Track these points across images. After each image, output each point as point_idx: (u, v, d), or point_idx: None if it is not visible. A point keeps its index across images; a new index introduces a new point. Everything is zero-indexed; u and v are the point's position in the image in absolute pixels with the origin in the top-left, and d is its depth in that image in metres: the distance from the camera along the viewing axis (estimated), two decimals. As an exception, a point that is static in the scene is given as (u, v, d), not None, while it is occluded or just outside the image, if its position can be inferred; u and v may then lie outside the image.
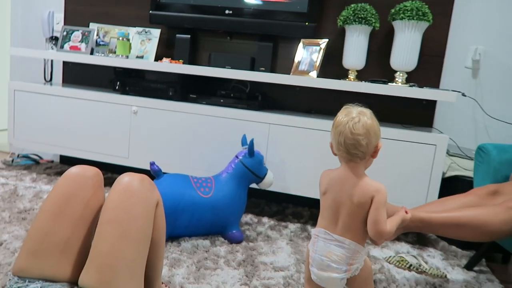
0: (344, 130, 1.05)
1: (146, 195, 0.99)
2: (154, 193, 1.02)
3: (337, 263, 1.03)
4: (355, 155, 1.05)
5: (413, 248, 1.76)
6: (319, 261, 1.04)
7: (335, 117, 1.10)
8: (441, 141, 1.68)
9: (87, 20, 2.47)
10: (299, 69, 1.99)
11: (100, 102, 2.07)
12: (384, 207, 1.03)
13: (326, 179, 1.11)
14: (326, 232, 1.06)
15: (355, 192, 1.03)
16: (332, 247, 1.03)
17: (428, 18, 1.80)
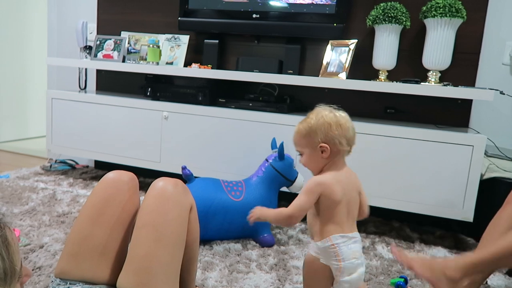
0: (351, 125, 1.08)
1: (180, 199, 1.01)
2: (188, 197, 1.04)
3: (361, 258, 1.03)
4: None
5: (451, 252, 1.70)
6: (350, 267, 1.01)
7: (320, 118, 1.07)
8: (479, 142, 1.62)
9: (118, 29, 2.54)
10: (327, 71, 1.97)
11: (132, 108, 2.12)
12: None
13: (339, 187, 1.03)
14: (342, 235, 1.02)
15: (358, 182, 1.10)
16: (354, 246, 1.02)
17: (461, 14, 1.75)
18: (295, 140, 1.11)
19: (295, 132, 1.10)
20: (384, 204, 1.76)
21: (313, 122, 1.07)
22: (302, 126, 1.08)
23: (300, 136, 1.09)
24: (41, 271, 1.29)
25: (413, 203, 1.71)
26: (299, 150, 1.10)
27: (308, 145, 1.07)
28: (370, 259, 1.57)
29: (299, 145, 1.10)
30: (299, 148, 1.10)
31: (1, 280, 0.60)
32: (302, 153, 1.09)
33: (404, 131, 1.71)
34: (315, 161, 1.07)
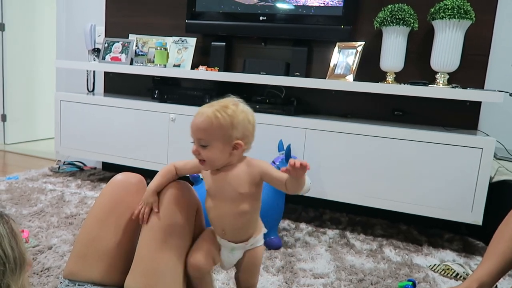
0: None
1: (186, 201, 1.01)
2: (194, 199, 1.05)
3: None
4: None
5: (459, 256, 1.68)
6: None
7: (241, 112, 0.95)
8: (488, 144, 1.61)
9: (126, 32, 2.56)
10: (335, 73, 1.97)
11: (140, 111, 2.14)
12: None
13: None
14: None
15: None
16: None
17: (470, 16, 1.73)
18: (205, 128, 0.91)
19: (206, 119, 0.91)
20: (392, 207, 1.75)
21: (234, 115, 0.92)
22: (220, 116, 0.91)
23: (214, 127, 0.91)
24: (49, 272, 1.30)
25: (421, 206, 1.70)
26: (206, 141, 0.92)
27: (222, 138, 0.92)
28: (378, 262, 1.56)
29: (209, 135, 0.92)
30: (207, 138, 0.92)
31: (13, 270, 0.62)
32: (207, 145, 0.92)
33: (412, 134, 1.70)
34: (221, 158, 0.94)
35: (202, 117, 0.92)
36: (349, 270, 1.47)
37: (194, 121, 0.93)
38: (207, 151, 0.93)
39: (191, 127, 0.94)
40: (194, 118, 0.93)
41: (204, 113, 0.92)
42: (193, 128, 0.93)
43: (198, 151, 0.94)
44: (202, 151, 0.93)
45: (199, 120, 0.92)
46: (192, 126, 0.94)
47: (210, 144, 0.93)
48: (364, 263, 1.54)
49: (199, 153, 0.94)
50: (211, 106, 0.93)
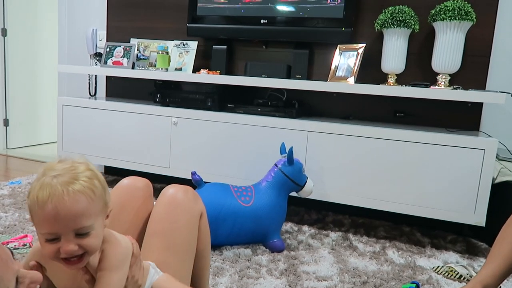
0: None
1: (190, 206, 1.01)
2: (198, 204, 1.04)
3: None
4: None
5: (463, 258, 1.68)
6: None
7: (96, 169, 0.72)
8: (490, 145, 1.61)
9: (128, 36, 2.57)
10: (336, 75, 1.97)
11: (142, 114, 2.14)
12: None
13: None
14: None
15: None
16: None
17: (471, 17, 1.74)
18: (85, 209, 0.65)
19: (82, 197, 0.65)
20: (394, 209, 1.75)
21: (98, 176, 0.71)
22: (91, 185, 0.67)
23: (95, 200, 0.68)
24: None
25: (424, 207, 1.70)
26: (88, 226, 0.66)
27: (101, 212, 0.70)
28: (381, 264, 1.56)
29: (91, 215, 0.67)
30: (89, 220, 0.66)
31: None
32: (90, 230, 0.67)
33: (414, 135, 1.70)
34: (101, 238, 0.71)
35: (73, 198, 0.64)
36: (352, 273, 1.47)
37: (50, 211, 0.63)
38: (90, 237, 0.67)
39: (47, 222, 0.64)
40: (44, 206, 0.63)
41: (69, 192, 0.64)
42: (54, 222, 0.64)
43: (77, 246, 0.66)
44: (82, 241, 0.66)
45: (66, 205, 0.64)
46: (50, 220, 0.64)
47: (93, 227, 0.67)
48: (367, 265, 1.54)
49: (78, 248, 0.66)
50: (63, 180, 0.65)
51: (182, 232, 0.98)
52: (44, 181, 0.66)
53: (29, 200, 0.66)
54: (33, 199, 0.65)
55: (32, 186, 0.67)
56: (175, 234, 0.97)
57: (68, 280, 0.75)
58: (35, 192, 0.65)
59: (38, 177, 0.68)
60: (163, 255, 0.94)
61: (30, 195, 0.66)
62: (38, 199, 0.64)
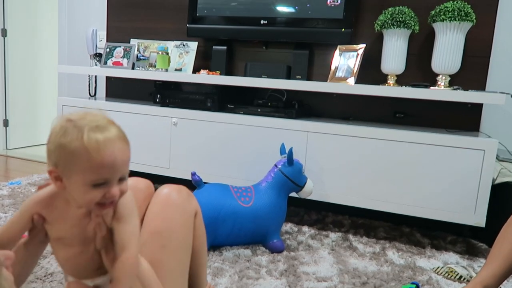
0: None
1: (185, 205, 1.01)
2: (192, 203, 1.04)
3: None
4: None
5: (463, 258, 1.68)
6: None
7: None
8: (490, 146, 1.61)
9: (128, 36, 2.57)
10: (336, 76, 1.97)
11: (142, 115, 2.14)
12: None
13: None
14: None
15: None
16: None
17: (471, 18, 1.74)
18: (128, 156, 0.72)
19: (124, 143, 0.71)
20: (394, 210, 1.74)
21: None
22: (123, 134, 0.72)
23: (128, 149, 0.72)
24: (52, 277, 1.30)
25: (424, 208, 1.70)
26: (128, 172, 0.73)
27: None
28: (381, 265, 1.56)
29: (128, 163, 0.72)
30: (127, 169, 0.72)
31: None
32: (127, 176, 0.73)
33: (414, 136, 1.70)
34: None
35: (114, 145, 0.68)
36: (352, 273, 1.47)
37: (112, 155, 0.68)
38: (125, 183, 0.73)
39: (104, 168, 0.67)
40: (102, 152, 0.67)
41: (109, 139, 0.68)
42: (111, 167, 0.68)
43: (119, 191, 0.71)
44: (121, 186, 0.71)
45: (115, 151, 0.68)
46: (108, 165, 0.67)
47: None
48: (367, 266, 1.54)
49: (120, 193, 0.72)
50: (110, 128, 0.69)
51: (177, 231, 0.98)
52: (92, 127, 0.67)
53: (78, 146, 0.66)
54: (89, 144, 0.66)
55: (68, 132, 0.67)
56: (170, 233, 0.97)
57: (71, 229, 0.75)
58: (88, 137, 0.66)
59: (72, 124, 0.67)
60: (159, 254, 0.94)
61: (78, 141, 0.66)
62: (98, 143, 0.66)
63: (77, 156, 0.66)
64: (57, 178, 0.70)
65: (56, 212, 0.75)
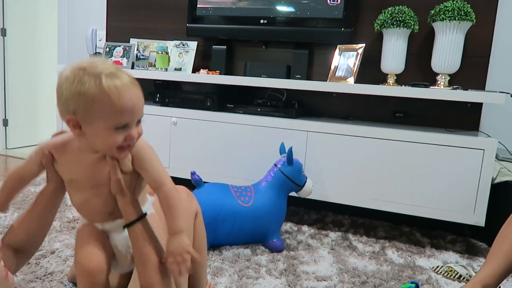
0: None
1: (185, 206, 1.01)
2: (193, 203, 1.04)
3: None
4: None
5: (462, 258, 1.68)
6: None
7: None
8: (490, 145, 1.61)
9: (127, 36, 2.57)
10: (336, 75, 1.97)
11: (141, 114, 2.14)
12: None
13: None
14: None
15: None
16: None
17: (471, 17, 1.74)
18: (142, 102, 0.77)
19: (138, 88, 0.76)
20: (394, 209, 1.74)
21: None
22: (135, 80, 0.77)
23: (141, 93, 0.77)
24: (52, 277, 1.30)
25: (424, 207, 1.70)
26: (142, 115, 0.78)
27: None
28: (381, 264, 1.56)
29: (143, 107, 0.77)
30: (142, 112, 0.77)
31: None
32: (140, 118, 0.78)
33: (414, 135, 1.70)
34: None
35: (131, 90, 0.73)
36: (352, 273, 1.47)
37: (131, 99, 0.72)
38: (140, 125, 0.78)
39: (126, 111, 0.72)
40: (124, 96, 0.71)
41: (125, 84, 0.72)
42: (132, 110, 0.73)
43: (137, 133, 0.77)
44: (138, 128, 0.77)
45: (133, 95, 0.73)
46: (129, 109, 0.72)
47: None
48: (367, 265, 1.54)
49: (138, 135, 0.77)
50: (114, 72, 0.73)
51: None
52: (108, 74, 0.70)
53: (99, 92, 0.69)
54: (109, 90, 0.69)
55: (84, 80, 0.69)
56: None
57: (83, 173, 0.79)
58: (107, 84, 0.69)
59: (87, 72, 0.70)
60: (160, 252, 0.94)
61: (97, 87, 0.69)
62: (117, 89, 0.70)
63: (98, 102, 0.70)
64: (75, 126, 0.73)
65: (68, 156, 0.79)
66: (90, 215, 0.85)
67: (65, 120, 0.73)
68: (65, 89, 0.71)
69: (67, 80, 0.71)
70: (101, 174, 0.79)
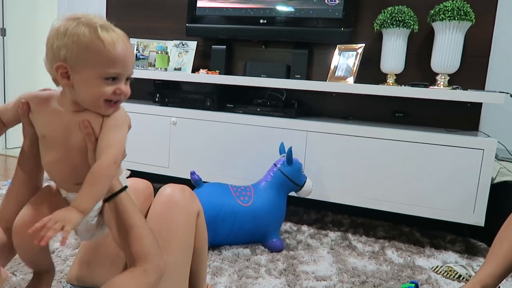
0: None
1: (188, 205, 1.01)
2: (195, 203, 1.04)
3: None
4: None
5: (462, 257, 1.68)
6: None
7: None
8: (489, 145, 1.61)
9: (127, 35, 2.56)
10: (335, 75, 1.97)
11: (141, 114, 2.14)
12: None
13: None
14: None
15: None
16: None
17: (470, 17, 1.74)
18: (132, 55, 0.76)
19: (128, 43, 0.74)
20: (393, 209, 1.75)
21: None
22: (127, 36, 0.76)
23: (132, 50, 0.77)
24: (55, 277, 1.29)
25: (423, 207, 1.70)
26: (132, 73, 0.77)
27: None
28: (380, 264, 1.56)
29: (133, 64, 0.77)
30: (133, 69, 0.77)
31: None
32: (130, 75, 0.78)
33: (413, 135, 1.70)
34: None
35: (125, 43, 0.72)
36: (351, 272, 1.47)
37: (124, 50, 0.72)
38: (128, 84, 0.77)
39: (118, 61, 0.71)
40: (115, 46, 0.70)
41: (120, 37, 0.72)
42: (124, 62, 0.72)
43: (125, 88, 0.75)
44: (127, 86, 0.76)
45: (126, 48, 0.73)
46: (121, 60, 0.71)
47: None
48: (366, 265, 1.54)
49: (125, 91, 0.75)
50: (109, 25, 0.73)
51: (180, 231, 0.98)
52: (102, 25, 0.70)
53: (94, 39, 0.69)
54: (104, 39, 0.69)
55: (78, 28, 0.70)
56: (173, 232, 0.97)
57: (56, 130, 0.76)
58: (102, 33, 0.69)
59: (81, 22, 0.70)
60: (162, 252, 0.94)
61: (92, 35, 0.69)
62: (112, 38, 0.70)
63: (92, 49, 0.69)
64: (64, 75, 0.72)
65: (46, 109, 0.77)
66: (57, 178, 0.81)
67: (53, 67, 0.71)
68: (57, 38, 0.70)
69: (59, 29, 0.71)
70: (75, 138, 0.76)
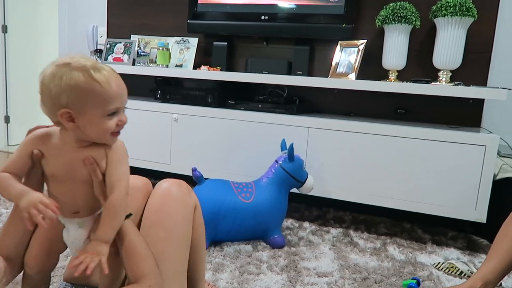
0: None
1: (185, 200, 1.01)
2: (192, 197, 1.04)
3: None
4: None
5: (463, 254, 1.68)
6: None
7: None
8: (491, 142, 1.60)
9: (128, 32, 2.56)
10: (337, 72, 1.97)
11: (142, 111, 2.14)
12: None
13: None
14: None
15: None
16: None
17: (472, 13, 1.73)
18: (126, 90, 0.81)
19: (120, 79, 0.79)
20: (395, 205, 1.74)
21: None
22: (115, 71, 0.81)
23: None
24: (54, 273, 1.30)
25: (425, 204, 1.70)
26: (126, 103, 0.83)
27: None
28: (382, 261, 1.56)
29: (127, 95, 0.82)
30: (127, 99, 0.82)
31: None
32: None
33: (415, 132, 1.69)
34: None
35: (117, 78, 0.78)
36: (353, 269, 1.47)
37: (118, 86, 0.77)
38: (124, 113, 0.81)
39: (116, 97, 0.77)
40: (111, 84, 0.76)
41: (110, 73, 0.77)
42: (120, 96, 0.78)
43: (125, 118, 0.81)
44: (125, 115, 0.81)
45: (119, 82, 0.78)
46: (118, 95, 0.77)
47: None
48: (368, 262, 1.54)
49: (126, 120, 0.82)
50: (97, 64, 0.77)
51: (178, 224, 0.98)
52: (93, 66, 0.75)
53: (91, 82, 0.74)
54: (100, 80, 0.74)
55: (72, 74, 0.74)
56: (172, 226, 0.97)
57: (64, 166, 0.80)
58: (96, 74, 0.74)
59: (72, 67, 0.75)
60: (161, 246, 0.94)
61: (87, 79, 0.74)
62: (106, 77, 0.75)
63: (91, 92, 0.74)
64: (69, 119, 0.76)
65: (52, 149, 0.82)
66: (59, 206, 0.82)
67: (58, 114, 0.76)
68: (54, 85, 0.76)
69: (54, 76, 0.76)
70: (80, 172, 0.80)
